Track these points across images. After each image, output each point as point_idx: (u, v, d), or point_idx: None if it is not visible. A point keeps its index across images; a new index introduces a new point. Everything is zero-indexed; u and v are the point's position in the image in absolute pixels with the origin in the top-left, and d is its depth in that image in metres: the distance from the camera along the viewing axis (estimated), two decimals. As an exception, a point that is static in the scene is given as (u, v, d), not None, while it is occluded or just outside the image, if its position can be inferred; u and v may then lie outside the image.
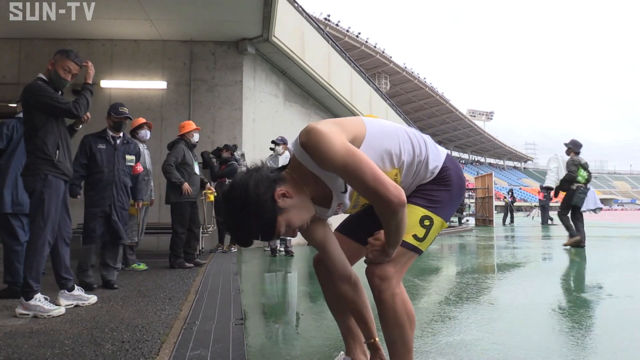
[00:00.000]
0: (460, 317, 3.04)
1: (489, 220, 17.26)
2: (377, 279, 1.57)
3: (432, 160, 1.65)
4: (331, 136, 1.38)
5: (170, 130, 7.45)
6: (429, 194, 1.64)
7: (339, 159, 1.36)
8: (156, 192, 7.35)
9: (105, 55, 7.83)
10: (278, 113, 9.01)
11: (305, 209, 1.51)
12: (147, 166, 5.43)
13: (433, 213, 1.63)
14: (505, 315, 3.11)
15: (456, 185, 1.69)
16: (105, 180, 4.16)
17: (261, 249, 7.82)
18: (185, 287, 4.10)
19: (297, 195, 1.49)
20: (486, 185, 17.66)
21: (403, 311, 1.57)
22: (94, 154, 4.17)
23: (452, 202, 1.69)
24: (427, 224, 1.61)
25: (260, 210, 1.40)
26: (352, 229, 1.85)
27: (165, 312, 3.15)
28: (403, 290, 1.61)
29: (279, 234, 1.47)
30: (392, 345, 1.63)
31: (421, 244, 1.62)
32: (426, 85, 53.48)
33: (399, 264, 1.59)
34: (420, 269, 5.44)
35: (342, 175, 1.42)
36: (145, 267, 5.23)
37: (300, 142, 1.42)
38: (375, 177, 1.36)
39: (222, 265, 5.63)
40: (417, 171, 1.64)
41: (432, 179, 1.67)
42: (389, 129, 1.62)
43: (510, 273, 5.26)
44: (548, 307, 3.38)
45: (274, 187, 1.44)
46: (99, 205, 4.11)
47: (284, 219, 1.45)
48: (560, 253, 7.31)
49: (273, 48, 8.18)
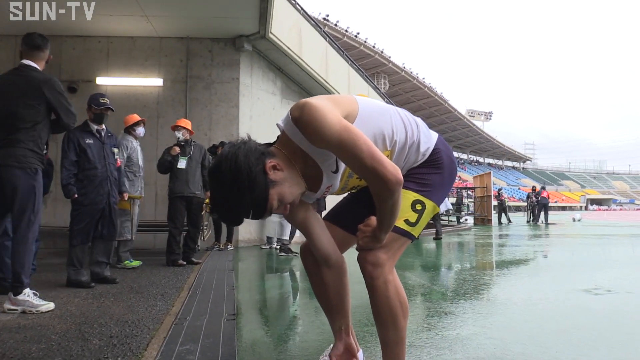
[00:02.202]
0: (457, 312, 2.98)
1: (487, 220, 17.22)
2: (369, 266, 1.51)
3: (424, 143, 1.60)
4: (326, 111, 1.32)
5: (167, 128, 7.36)
6: (420, 178, 1.59)
7: (334, 135, 1.30)
8: (152, 189, 7.29)
9: (102, 52, 7.76)
10: (275, 110, 8.94)
11: (296, 184, 1.44)
12: (140, 162, 5.39)
13: (425, 197, 1.57)
14: (503, 311, 3.05)
15: (448, 168, 1.64)
16: (100, 176, 4.01)
17: (257, 247, 7.77)
18: (179, 284, 4.04)
19: (287, 170, 1.41)
20: (485, 185, 17.63)
21: (396, 299, 1.52)
22: (84, 150, 3.98)
23: (443, 185, 1.63)
24: (419, 208, 1.56)
25: (253, 182, 1.32)
26: (340, 217, 1.79)
27: (157, 307, 3.09)
28: (396, 278, 1.56)
29: (270, 209, 1.39)
30: (384, 333, 1.58)
31: (413, 229, 1.56)
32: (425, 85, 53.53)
33: (392, 250, 1.53)
34: (417, 266, 5.39)
35: (337, 152, 1.35)
36: (139, 263, 5.17)
37: (293, 117, 1.36)
38: (372, 154, 1.30)
39: (217, 262, 5.57)
40: (408, 154, 1.59)
41: (423, 161, 1.61)
42: (381, 108, 1.56)
43: (509, 270, 5.20)
44: (547, 302, 3.32)
45: (264, 159, 1.37)
46: (97, 202, 3.98)
47: (276, 192, 1.37)
48: (559, 250, 7.26)
49: (270, 45, 8.11)
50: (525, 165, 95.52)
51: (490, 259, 6.39)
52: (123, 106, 7.46)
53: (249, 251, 7.26)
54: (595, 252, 7.18)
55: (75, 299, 3.38)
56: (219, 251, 6.94)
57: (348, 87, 11.14)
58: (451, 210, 17.12)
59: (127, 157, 5.19)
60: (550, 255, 6.88)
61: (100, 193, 4.01)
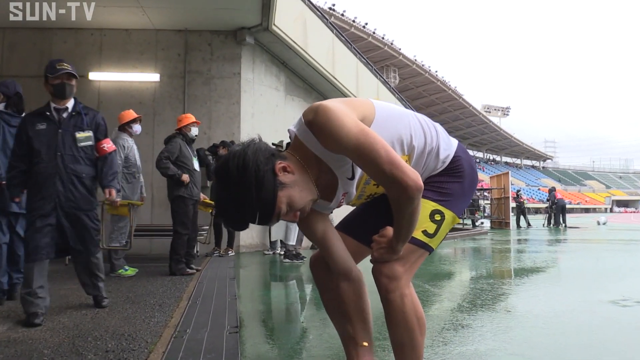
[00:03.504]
0: (474, 326, 2.97)
1: (505, 223, 17.16)
2: (384, 279, 1.52)
3: (444, 149, 1.61)
4: (342, 114, 1.32)
5: (164, 126, 7.42)
6: (439, 186, 1.59)
7: (351, 138, 1.30)
8: (147, 191, 7.30)
9: (94, 45, 7.80)
10: (279, 107, 8.97)
11: (308, 189, 1.43)
12: (138, 163, 5.39)
13: (444, 207, 1.58)
14: (523, 324, 3.04)
15: (468, 177, 1.64)
16: (44, 172, 3.17)
17: (260, 252, 7.79)
18: (178, 293, 4.06)
19: (299, 173, 1.41)
20: (502, 186, 17.57)
21: (412, 314, 1.52)
22: (30, 139, 3.19)
23: (464, 194, 1.64)
24: (437, 218, 1.56)
25: (260, 181, 1.31)
26: (353, 226, 1.79)
27: (155, 319, 3.10)
28: (413, 292, 1.56)
29: (278, 213, 1.38)
30: (400, 351, 1.58)
31: (432, 240, 1.57)
32: (438, 79, 53.44)
33: (408, 262, 1.54)
34: (432, 274, 5.38)
35: (354, 157, 1.36)
36: (135, 271, 5.18)
37: (306, 121, 1.36)
38: (391, 159, 1.30)
39: (218, 270, 5.59)
40: (427, 160, 1.59)
41: (443, 169, 1.62)
42: (399, 112, 1.57)
43: (529, 278, 5.18)
44: (571, 314, 3.30)
45: (274, 160, 1.36)
46: (38, 208, 3.15)
47: (285, 195, 1.36)
48: (583, 257, 7.23)
49: (273, 38, 8.13)
50: (545, 165, 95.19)
51: (509, 266, 6.37)
52: (117, 103, 7.51)
53: (251, 257, 7.28)
54: (622, 259, 7.13)
55: (68, 310, 3.40)
56: (220, 257, 6.96)
57: (356, 81, 11.15)
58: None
59: (125, 157, 5.19)
60: (574, 263, 6.84)
61: (44, 195, 3.16)
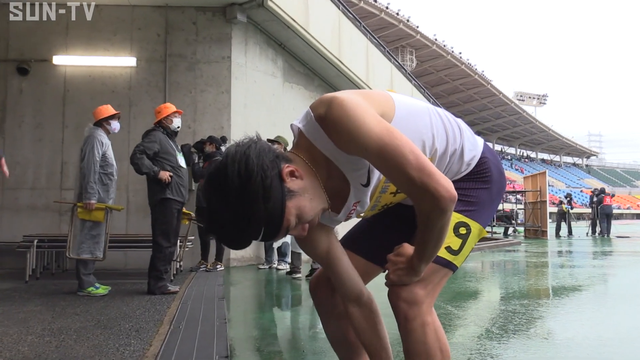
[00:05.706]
0: (506, 356, 2.98)
1: (541, 232, 17.14)
2: (403, 304, 1.50)
3: (469, 150, 1.60)
4: (361, 108, 1.30)
5: (142, 119, 7.44)
6: (463, 194, 1.57)
7: (373, 138, 1.27)
8: (122, 195, 7.31)
9: (59, 24, 7.77)
10: (276, 96, 8.99)
11: (318, 197, 1.39)
12: (113, 162, 5.40)
13: (470, 218, 1.57)
14: (564, 354, 3.03)
15: (497, 183, 1.64)
16: None
17: (254, 267, 7.79)
18: (158, 316, 4.07)
19: (308, 178, 1.38)
20: (538, 187, 17.55)
21: (436, 345, 1.52)
22: None
23: (491, 203, 1.64)
24: (462, 232, 1.55)
25: (268, 190, 1.26)
26: (360, 242, 1.79)
27: (131, 347, 3.11)
28: (436, 319, 1.55)
29: (287, 227, 1.33)
30: None
31: (456, 258, 1.56)
32: (462, 62, 53.34)
33: (431, 284, 1.52)
34: (455, 292, 5.37)
35: (375, 160, 1.33)
36: (107, 290, 5.18)
37: (317, 116, 1.34)
38: (421, 165, 1.27)
39: (204, 288, 5.60)
40: (450, 162, 1.59)
41: (467, 173, 1.61)
42: (419, 108, 1.56)
43: (570, 299, 5.18)
44: (619, 343, 3.31)
45: (280, 163, 1.32)
46: None
47: (294, 205, 1.31)
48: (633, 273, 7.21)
49: (269, 15, 8.15)
50: (589, 162, 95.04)
51: (546, 283, 6.37)
52: (86, 92, 7.56)
53: (243, 273, 7.31)
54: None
55: (29, 337, 3.41)
56: (207, 272, 6.99)
57: (366, 65, 11.17)
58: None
59: (102, 154, 5.18)
60: (623, 280, 6.83)
61: None
